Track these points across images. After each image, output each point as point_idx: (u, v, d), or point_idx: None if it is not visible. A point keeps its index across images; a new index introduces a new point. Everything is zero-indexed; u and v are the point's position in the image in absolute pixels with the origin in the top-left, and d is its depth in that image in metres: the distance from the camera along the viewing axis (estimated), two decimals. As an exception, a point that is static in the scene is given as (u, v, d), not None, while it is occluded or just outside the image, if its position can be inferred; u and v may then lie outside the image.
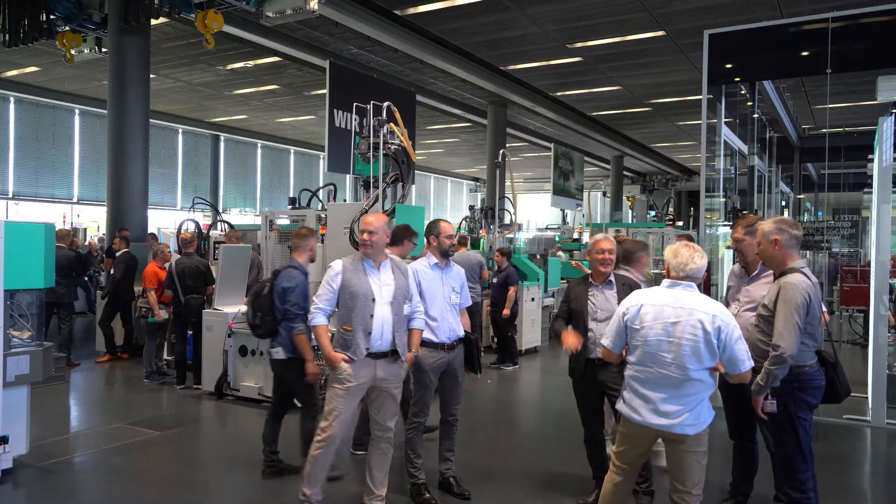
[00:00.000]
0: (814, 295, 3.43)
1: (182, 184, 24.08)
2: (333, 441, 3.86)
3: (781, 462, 3.55)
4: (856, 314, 10.82)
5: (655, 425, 3.09)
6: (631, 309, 3.18)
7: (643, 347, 3.12)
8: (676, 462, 3.16)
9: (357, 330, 3.81)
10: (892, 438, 6.17)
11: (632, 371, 3.20)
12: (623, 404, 3.25)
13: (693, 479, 3.14)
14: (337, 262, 3.97)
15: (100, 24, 11.13)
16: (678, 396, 3.06)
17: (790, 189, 14.84)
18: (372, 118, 7.64)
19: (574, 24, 12.52)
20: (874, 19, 6.70)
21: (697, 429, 3.08)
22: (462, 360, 4.44)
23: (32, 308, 4.89)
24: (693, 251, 3.15)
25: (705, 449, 3.16)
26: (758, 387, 3.42)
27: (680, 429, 3.06)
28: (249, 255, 7.89)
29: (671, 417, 3.06)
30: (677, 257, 3.16)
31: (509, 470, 5.06)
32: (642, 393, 3.14)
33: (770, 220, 3.69)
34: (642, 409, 3.13)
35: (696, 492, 3.14)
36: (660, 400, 3.08)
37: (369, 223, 3.91)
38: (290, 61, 15.30)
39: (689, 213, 32.01)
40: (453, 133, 24.97)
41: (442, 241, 4.37)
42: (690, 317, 3.03)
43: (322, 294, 3.91)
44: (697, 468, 3.14)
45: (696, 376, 3.04)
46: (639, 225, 20.76)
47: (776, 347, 3.33)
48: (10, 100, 18.75)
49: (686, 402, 3.06)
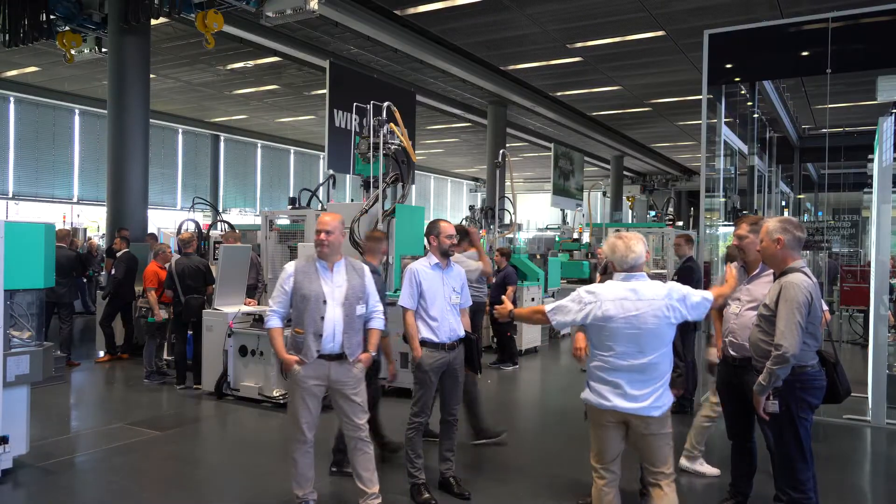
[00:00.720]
0: (815, 294, 3.43)
1: (182, 184, 24.09)
2: (306, 441, 3.89)
3: (782, 462, 3.55)
4: (856, 314, 10.83)
5: (624, 409, 3.20)
6: (590, 305, 3.24)
7: (609, 340, 3.22)
8: (646, 446, 3.29)
9: (308, 332, 3.81)
10: (892, 438, 6.17)
11: (597, 361, 3.28)
12: (590, 394, 3.32)
13: (663, 458, 3.28)
14: (290, 264, 3.99)
15: (100, 24, 11.13)
16: (643, 381, 3.21)
17: (790, 189, 14.84)
18: (372, 118, 7.65)
19: (574, 24, 12.52)
20: (874, 19, 6.69)
21: (662, 410, 3.23)
22: (462, 360, 4.44)
23: (32, 308, 4.89)
24: (626, 240, 3.26)
25: (671, 430, 3.31)
26: (760, 387, 3.42)
27: (647, 411, 3.19)
28: (249, 255, 7.89)
29: (639, 401, 3.20)
30: (615, 252, 3.29)
31: (509, 470, 5.06)
32: (609, 380, 3.24)
33: (775, 218, 3.68)
34: (610, 394, 3.23)
35: (669, 470, 3.30)
36: (627, 384, 3.20)
37: (325, 223, 3.87)
38: (290, 61, 15.30)
39: (689, 213, 32.01)
40: (453, 133, 24.97)
41: (442, 241, 4.37)
42: (651, 307, 3.19)
43: (276, 296, 3.94)
44: (667, 449, 3.30)
45: (657, 360, 3.21)
46: (639, 225, 20.76)
47: (779, 347, 3.32)
48: (10, 100, 18.75)
49: (652, 386, 3.21)
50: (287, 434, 4.06)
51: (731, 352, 4.05)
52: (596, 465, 3.39)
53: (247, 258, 7.78)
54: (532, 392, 8.45)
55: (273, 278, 8.76)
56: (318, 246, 3.87)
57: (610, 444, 3.34)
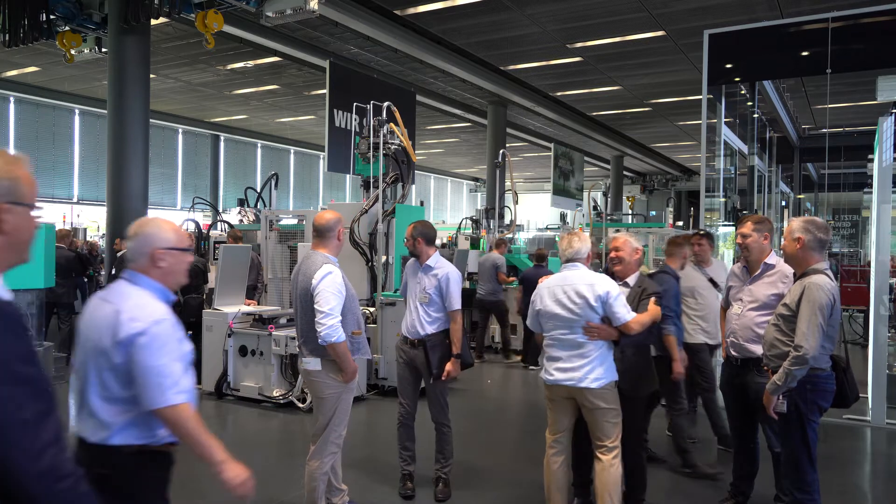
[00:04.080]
0: (837, 297, 3.37)
1: (182, 184, 24.08)
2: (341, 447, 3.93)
3: (788, 463, 3.52)
4: (856, 314, 10.83)
5: (564, 381, 3.65)
6: (535, 294, 3.81)
7: (545, 320, 3.74)
8: (592, 420, 3.69)
9: (363, 332, 3.97)
10: (892, 438, 6.17)
11: (546, 342, 3.77)
12: (543, 372, 3.79)
13: (606, 432, 3.65)
14: (331, 266, 3.76)
15: (100, 24, 11.12)
16: (579, 356, 3.63)
17: (790, 189, 14.85)
18: (372, 118, 7.65)
19: (574, 24, 12.51)
20: (874, 19, 6.70)
21: (600, 383, 3.60)
22: (422, 360, 4.37)
23: (32, 308, 4.89)
24: (571, 237, 3.80)
25: (614, 407, 3.66)
26: (774, 386, 3.37)
27: (585, 383, 3.60)
28: (249, 255, 7.89)
29: (575, 373, 3.62)
30: (561, 245, 3.86)
31: (509, 469, 5.06)
32: (553, 356, 3.72)
33: (800, 218, 3.62)
34: (553, 370, 3.71)
35: (612, 444, 3.66)
36: (566, 359, 3.66)
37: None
38: (290, 61, 15.29)
39: (689, 213, 32.00)
40: (453, 133, 24.96)
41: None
42: (573, 288, 3.63)
43: (336, 305, 3.67)
44: (609, 425, 3.65)
45: (579, 337, 3.62)
46: (639, 225, 20.76)
47: (798, 348, 3.27)
48: (10, 100, 18.75)
49: (586, 359, 3.61)
50: (326, 441, 3.78)
51: (732, 352, 4.05)
52: (549, 435, 3.87)
53: (247, 258, 7.78)
54: (532, 392, 8.44)
55: (273, 278, 8.75)
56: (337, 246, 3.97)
57: (559, 418, 3.81)
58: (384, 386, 7.33)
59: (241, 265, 7.61)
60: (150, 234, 2.20)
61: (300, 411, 6.46)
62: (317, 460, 3.77)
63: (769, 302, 3.90)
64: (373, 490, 4.56)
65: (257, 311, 7.14)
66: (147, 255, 2.18)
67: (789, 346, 3.35)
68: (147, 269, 2.18)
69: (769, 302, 3.90)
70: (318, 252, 3.83)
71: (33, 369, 1.30)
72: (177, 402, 2.03)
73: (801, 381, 3.38)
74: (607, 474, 3.61)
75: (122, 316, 2.05)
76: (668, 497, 4.57)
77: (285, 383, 6.70)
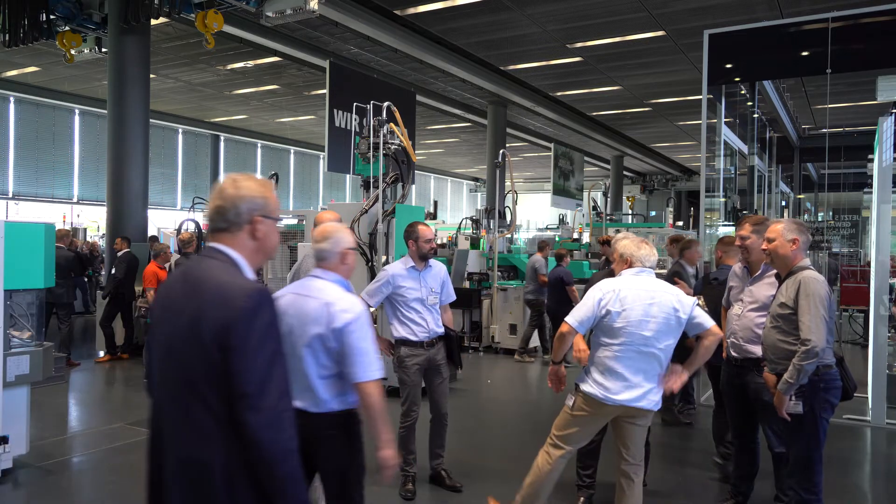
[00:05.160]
0: (831, 291, 3.43)
1: (182, 184, 24.08)
2: None
3: (797, 463, 3.49)
4: (856, 314, 10.83)
5: (627, 401, 3.28)
6: (608, 294, 3.32)
7: (625, 328, 3.28)
8: (629, 436, 3.41)
9: None
10: (892, 438, 6.17)
11: (608, 352, 3.33)
12: (592, 385, 3.36)
13: (640, 451, 3.46)
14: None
15: (100, 24, 11.13)
16: (647, 372, 3.30)
17: (790, 189, 14.84)
18: (372, 118, 7.64)
19: (574, 24, 12.52)
20: (874, 19, 6.70)
21: (658, 405, 3.36)
22: (444, 356, 4.48)
23: (32, 308, 4.89)
24: (642, 242, 3.51)
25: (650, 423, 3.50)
26: (786, 385, 3.34)
27: (647, 404, 3.31)
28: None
29: (641, 392, 3.29)
30: (640, 250, 3.48)
31: (508, 469, 5.06)
32: (618, 372, 3.29)
33: (785, 220, 3.66)
34: (616, 386, 3.30)
35: (641, 462, 3.48)
36: (633, 375, 3.29)
37: None
38: (290, 61, 15.29)
39: (689, 213, 32.00)
40: (453, 133, 24.96)
41: (421, 245, 4.40)
42: (661, 298, 3.31)
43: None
44: (642, 441, 3.47)
45: (660, 353, 3.31)
46: (639, 225, 20.75)
47: (806, 342, 3.25)
48: (10, 100, 18.74)
49: (653, 379, 3.32)
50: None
51: (732, 353, 4.05)
52: (562, 442, 3.51)
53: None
54: (532, 392, 8.44)
55: (273, 278, 8.75)
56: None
57: (585, 434, 3.54)
58: (385, 387, 7.32)
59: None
60: (340, 238, 2.72)
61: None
62: None
63: (769, 303, 3.89)
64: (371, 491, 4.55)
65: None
66: (337, 255, 2.70)
67: (794, 345, 3.34)
68: (336, 266, 2.69)
69: (769, 303, 3.89)
70: None
71: (279, 344, 1.74)
72: (376, 377, 2.48)
73: (813, 378, 3.35)
74: (639, 493, 3.43)
75: (334, 308, 2.51)
76: (668, 497, 4.57)
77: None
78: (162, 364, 1.83)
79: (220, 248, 1.85)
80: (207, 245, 1.89)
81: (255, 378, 1.66)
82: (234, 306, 1.68)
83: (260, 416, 1.65)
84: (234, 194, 1.85)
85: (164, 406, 1.81)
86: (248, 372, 1.65)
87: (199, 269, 1.83)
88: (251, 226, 1.86)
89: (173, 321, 1.78)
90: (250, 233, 1.87)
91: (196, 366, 1.70)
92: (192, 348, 1.71)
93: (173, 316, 1.79)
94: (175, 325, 1.77)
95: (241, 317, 1.67)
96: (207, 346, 1.67)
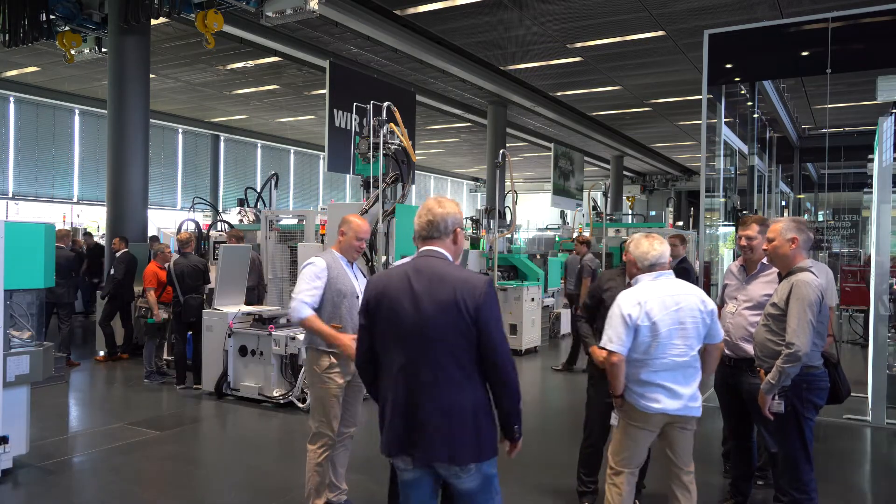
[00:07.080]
0: (824, 294, 3.42)
1: (182, 184, 24.08)
2: (332, 442, 3.87)
3: (785, 462, 3.53)
4: (856, 314, 10.83)
5: (673, 410, 3.19)
6: (633, 309, 3.16)
7: (656, 339, 3.14)
8: (677, 443, 3.30)
9: (347, 327, 3.81)
10: (892, 438, 6.17)
11: (643, 367, 3.20)
12: (636, 398, 3.23)
13: (690, 457, 3.35)
14: (317, 258, 3.87)
15: (100, 24, 11.13)
16: (686, 378, 3.22)
17: (790, 189, 14.85)
18: (372, 118, 7.64)
19: (574, 24, 12.51)
20: (874, 19, 6.70)
21: (699, 410, 3.26)
22: None
23: (32, 308, 4.89)
24: (650, 240, 3.33)
25: None
26: (768, 385, 3.39)
27: (693, 411, 3.24)
28: (249, 255, 7.89)
29: (685, 400, 3.20)
30: (639, 248, 3.32)
31: (508, 469, 5.05)
32: (657, 383, 3.19)
33: (786, 218, 3.66)
34: (660, 397, 3.19)
35: (692, 469, 3.37)
36: (677, 384, 3.20)
37: (366, 231, 4.02)
38: (290, 61, 15.29)
39: (689, 213, 32.00)
40: (453, 133, 24.96)
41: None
42: (686, 301, 3.20)
43: (306, 289, 3.78)
44: (691, 447, 3.35)
45: (694, 358, 3.23)
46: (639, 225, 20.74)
47: (790, 345, 3.28)
48: (10, 100, 18.74)
49: (692, 384, 3.24)
50: (315, 430, 3.86)
51: (726, 352, 4.05)
52: (622, 466, 3.34)
53: (247, 258, 7.78)
54: (532, 392, 8.44)
55: (273, 278, 8.76)
56: (356, 251, 3.97)
57: (640, 449, 3.37)
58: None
59: (242, 265, 7.62)
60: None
61: (300, 411, 6.46)
62: (311, 444, 3.86)
63: (763, 302, 3.89)
64: (371, 491, 4.56)
65: (257, 311, 7.14)
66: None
67: (780, 346, 3.37)
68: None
69: (763, 302, 3.89)
70: None
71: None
72: None
73: (796, 379, 3.40)
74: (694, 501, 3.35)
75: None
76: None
77: (285, 383, 6.70)
78: (412, 339, 2.40)
79: (439, 251, 2.53)
80: (426, 248, 2.53)
81: (501, 336, 2.43)
82: (479, 293, 2.38)
83: (500, 357, 2.42)
84: (442, 212, 2.54)
85: (420, 369, 2.39)
86: (496, 332, 2.40)
87: (432, 266, 2.47)
88: (454, 234, 2.57)
89: (420, 306, 2.38)
90: (453, 239, 2.57)
91: (456, 336, 2.37)
92: (454, 324, 2.36)
93: (416, 301, 2.39)
94: (423, 309, 2.38)
95: (486, 300, 2.39)
96: (468, 322, 2.35)
